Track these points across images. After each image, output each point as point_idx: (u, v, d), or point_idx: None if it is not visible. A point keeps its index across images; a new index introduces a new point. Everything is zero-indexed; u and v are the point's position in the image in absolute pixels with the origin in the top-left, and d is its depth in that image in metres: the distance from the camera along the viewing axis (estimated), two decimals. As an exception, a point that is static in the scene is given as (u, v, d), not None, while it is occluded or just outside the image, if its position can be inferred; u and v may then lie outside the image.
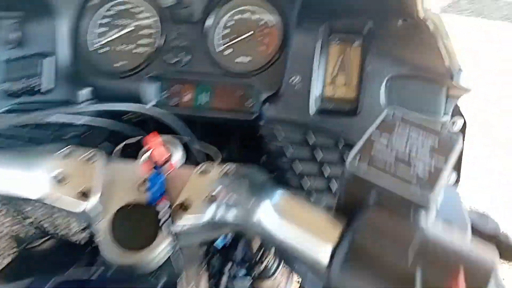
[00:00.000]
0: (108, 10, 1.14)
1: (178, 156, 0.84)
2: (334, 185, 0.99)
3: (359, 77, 0.97)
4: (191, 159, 0.94)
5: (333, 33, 0.97)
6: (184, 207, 0.64)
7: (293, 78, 0.96)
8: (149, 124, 1.03)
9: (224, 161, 0.79)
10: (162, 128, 0.84)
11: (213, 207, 0.63)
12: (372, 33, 0.92)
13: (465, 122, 0.99)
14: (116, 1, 1.14)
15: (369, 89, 0.93)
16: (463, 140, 1.03)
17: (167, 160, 0.73)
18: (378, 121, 0.60)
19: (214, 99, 1.07)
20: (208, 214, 0.63)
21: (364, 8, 0.92)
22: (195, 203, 0.64)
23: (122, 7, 1.13)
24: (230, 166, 0.76)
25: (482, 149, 3.19)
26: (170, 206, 0.63)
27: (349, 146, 0.93)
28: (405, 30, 0.90)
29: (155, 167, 0.70)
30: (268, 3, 1.04)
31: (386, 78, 0.92)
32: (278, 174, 1.01)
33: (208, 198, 0.64)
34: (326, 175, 0.98)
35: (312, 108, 0.96)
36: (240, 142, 1.26)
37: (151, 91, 1.08)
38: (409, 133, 0.58)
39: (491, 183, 3.11)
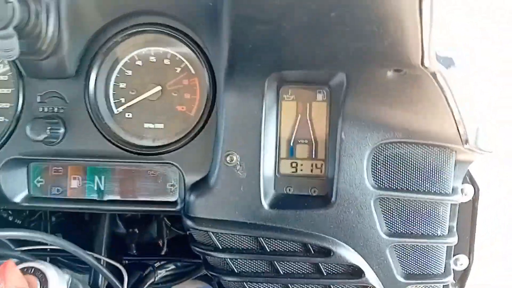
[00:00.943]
0: None
1: None
2: None
3: (328, 145, 0.69)
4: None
5: (285, 85, 0.64)
6: None
7: (230, 157, 0.63)
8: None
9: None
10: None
11: None
12: (345, 86, 0.59)
13: (477, 190, 0.77)
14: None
15: (345, 164, 0.65)
16: (476, 211, 0.80)
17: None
18: None
19: (115, 184, 0.76)
20: None
21: (332, 55, 0.59)
22: None
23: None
24: None
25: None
26: None
27: (325, 251, 0.66)
28: (399, 83, 0.58)
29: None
30: (185, 44, 0.73)
31: (370, 149, 0.65)
32: None
33: None
34: None
35: (264, 198, 0.67)
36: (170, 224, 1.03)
37: (15, 180, 0.76)
38: None
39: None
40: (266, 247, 0.66)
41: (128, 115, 0.75)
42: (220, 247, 0.67)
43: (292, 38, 0.58)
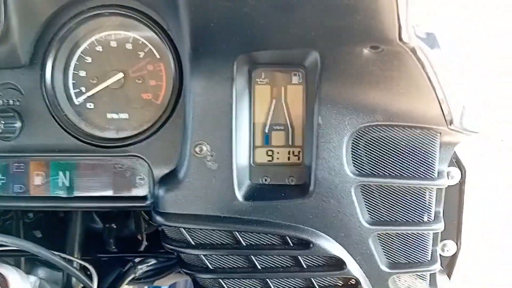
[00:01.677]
0: None
1: None
2: None
3: (305, 131, 0.65)
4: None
5: (257, 68, 0.59)
6: None
7: (199, 147, 0.58)
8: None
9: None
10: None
11: None
12: (320, 67, 0.54)
13: (464, 172, 0.73)
14: None
15: (323, 150, 0.61)
16: (463, 194, 0.76)
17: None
18: None
19: (81, 180, 0.71)
20: None
21: (302, 32, 0.54)
22: None
23: None
24: None
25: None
26: None
27: (304, 243, 0.63)
28: (376, 62, 0.54)
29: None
30: (147, 27, 0.68)
31: (349, 133, 0.61)
32: None
33: None
34: None
35: (238, 190, 0.63)
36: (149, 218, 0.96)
37: None
38: None
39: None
40: (242, 241, 0.63)
41: (90, 105, 0.70)
42: (193, 243, 0.63)
43: (259, 14, 0.54)
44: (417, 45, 0.54)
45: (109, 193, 0.70)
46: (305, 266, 0.64)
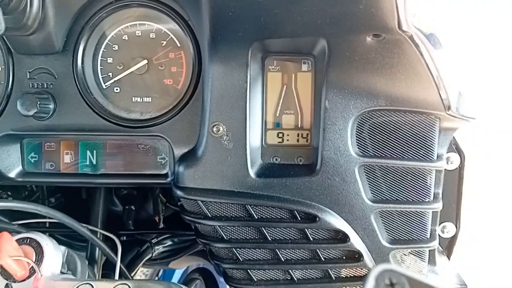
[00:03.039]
0: None
1: (51, 263, 0.66)
2: (296, 274, 0.71)
3: (313, 115, 0.69)
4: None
5: (270, 56, 0.64)
6: None
7: (216, 127, 0.63)
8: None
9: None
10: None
11: None
12: (327, 54, 0.59)
13: (463, 157, 0.77)
14: None
15: (330, 133, 0.65)
16: (462, 178, 0.80)
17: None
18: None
19: (107, 158, 0.77)
20: None
21: (310, 21, 0.59)
22: None
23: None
24: (124, 286, 0.59)
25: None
26: None
27: (311, 217, 0.67)
28: (379, 49, 0.58)
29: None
30: (170, 17, 0.72)
31: (354, 116, 0.65)
32: (217, 263, 0.73)
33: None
34: (283, 259, 0.70)
35: (251, 168, 0.67)
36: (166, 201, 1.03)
37: (10, 156, 0.77)
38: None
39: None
40: (254, 214, 0.68)
41: (116, 89, 0.74)
42: (210, 215, 0.68)
43: (271, 4, 0.58)
44: (415, 32, 0.58)
45: (133, 171, 0.75)
46: (311, 239, 0.68)
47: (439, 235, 0.79)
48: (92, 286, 0.59)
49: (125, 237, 0.98)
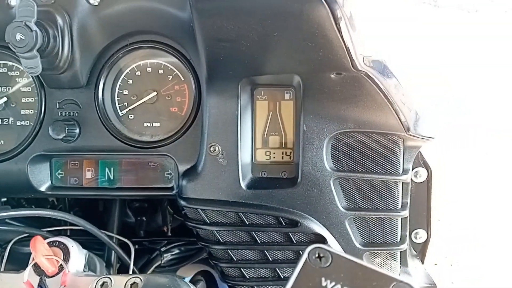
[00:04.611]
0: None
1: (76, 262, 0.75)
2: (282, 271, 0.80)
3: (295, 136, 0.80)
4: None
5: (258, 88, 0.77)
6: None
7: (213, 147, 0.75)
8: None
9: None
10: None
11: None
12: (302, 87, 0.72)
13: (430, 172, 0.85)
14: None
15: (308, 151, 0.76)
16: (430, 190, 0.90)
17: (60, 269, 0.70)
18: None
19: (123, 174, 0.87)
20: None
21: (284, 63, 0.72)
22: None
23: (1, 70, 0.89)
24: (136, 279, 0.67)
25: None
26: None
27: (294, 223, 0.76)
28: (342, 84, 0.71)
29: (40, 286, 0.68)
30: (174, 56, 0.84)
31: (328, 137, 0.75)
32: (215, 262, 0.83)
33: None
34: (271, 259, 0.81)
35: (243, 181, 0.78)
36: (173, 212, 1.14)
37: (41, 173, 0.88)
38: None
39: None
40: (245, 220, 0.77)
41: (131, 116, 0.85)
42: (208, 222, 0.78)
43: (251, 51, 0.70)
44: (369, 70, 0.70)
45: (144, 184, 0.85)
46: (294, 241, 0.77)
47: (412, 241, 0.89)
48: (110, 279, 0.70)
49: (137, 246, 1.07)
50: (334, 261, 0.39)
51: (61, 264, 0.73)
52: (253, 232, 0.78)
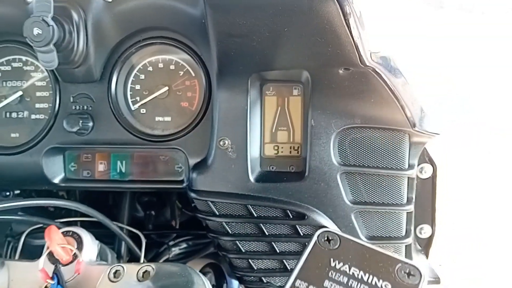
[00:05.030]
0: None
1: (89, 251, 0.77)
2: (289, 263, 0.81)
3: (303, 131, 0.81)
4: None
5: (266, 83, 0.78)
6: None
7: (222, 141, 0.77)
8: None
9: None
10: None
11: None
12: (310, 83, 0.74)
13: (435, 168, 0.86)
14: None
15: (315, 145, 0.77)
16: (435, 186, 0.91)
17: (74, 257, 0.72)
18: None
19: (134, 167, 0.89)
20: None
21: (294, 58, 0.74)
22: None
23: (16, 65, 0.91)
24: (148, 268, 0.68)
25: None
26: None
27: (301, 216, 0.78)
28: (350, 79, 0.72)
29: (55, 274, 0.69)
30: (185, 52, 0.86)
31: (335, 132, 0.76)
32: (224, 253, 0.85)
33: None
34: (278, 251, 0.82)
35: (251, 174, 0.79)
36: (182, 207, 1.14)
37: (54, 165, 0.90)
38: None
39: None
40: (254, 212, 0.79)
41: (143, 110, 0.87)
42: (217, 213, 0.80)
43: (262, 47, 0.72)
44: (376, 66, 0.72)
45: (155, 177, 0.87)
46: (301, 234, 0.79)
47: (417, 236, 0.91)
48: (123, 267, 0.71)
49: (146, 240, 1.10)
50: (342, 244, 0.41)
51: (75, 253, 0.75)
52: (261, 224, 0.80)
